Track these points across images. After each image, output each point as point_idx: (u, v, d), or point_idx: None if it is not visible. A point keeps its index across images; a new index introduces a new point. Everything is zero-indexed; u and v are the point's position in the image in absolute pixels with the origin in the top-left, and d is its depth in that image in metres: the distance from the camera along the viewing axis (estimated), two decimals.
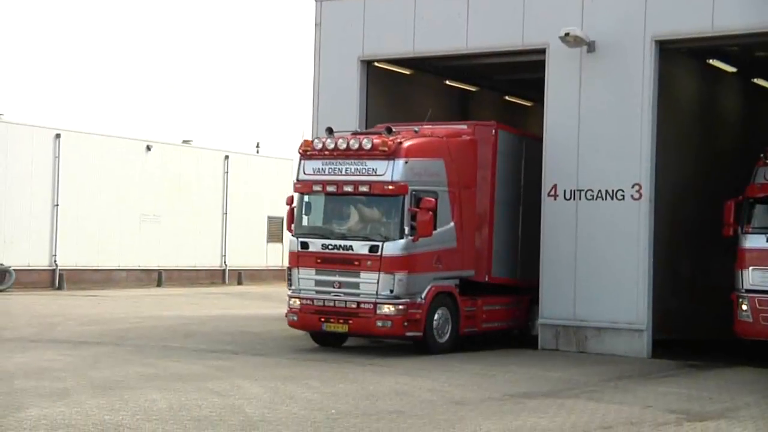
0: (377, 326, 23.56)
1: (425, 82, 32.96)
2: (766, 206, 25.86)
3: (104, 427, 14.99)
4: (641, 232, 27.16)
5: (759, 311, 25.46)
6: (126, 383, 19.49)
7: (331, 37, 31.50)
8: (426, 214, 23.03)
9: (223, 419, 15.96)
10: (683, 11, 27.00)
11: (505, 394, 19.88)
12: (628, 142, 27.39)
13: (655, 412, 18.27)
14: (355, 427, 15.70)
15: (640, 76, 27.33)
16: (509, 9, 29.03)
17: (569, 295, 27.86)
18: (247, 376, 20.71)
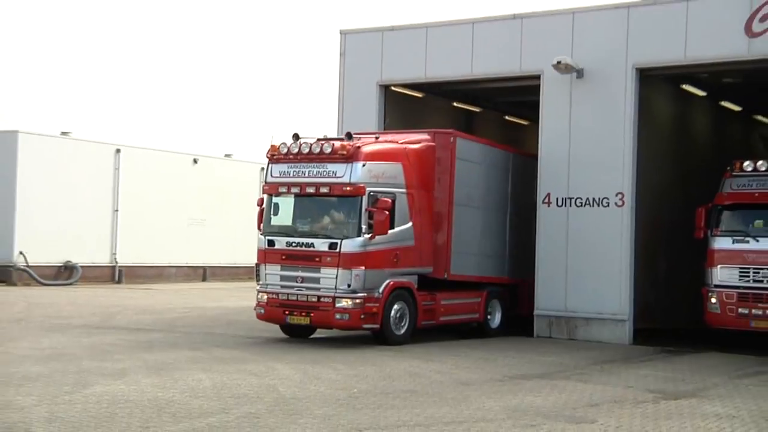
0: (336, 319, 22.64)
1: (435, 103, 32.95)
2: (732, 212, 25.98)
3: (157, 403, 15.04)
4: (624, 234, 27.24)
5: (725, 304, 25.61)
6: (175, 365, 19.53)
7: (353, 64, 31.53)
8: (382, 214, 22.25)
9: (259, 397, 15.98)
10: (660, 43, 27.02)
11: (505, 376, 19.89)
12: (612, 156, 27.44)
13: (636, 392, 18.28)
14: (374, 404, 15.72)
15: (622, 98, 27.40)
16: (508, 40, 29.06)
17: (561, 290, 27.89)
18: (279, 359, 20.72)
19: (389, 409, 15.37)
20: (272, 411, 14.75)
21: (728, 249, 25.80)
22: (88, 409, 14.38)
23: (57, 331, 26.01)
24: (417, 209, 24.11)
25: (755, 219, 25.78)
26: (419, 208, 24.21)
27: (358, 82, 31.28)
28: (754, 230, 25.65)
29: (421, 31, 30.82)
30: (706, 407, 16.67)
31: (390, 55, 31.06)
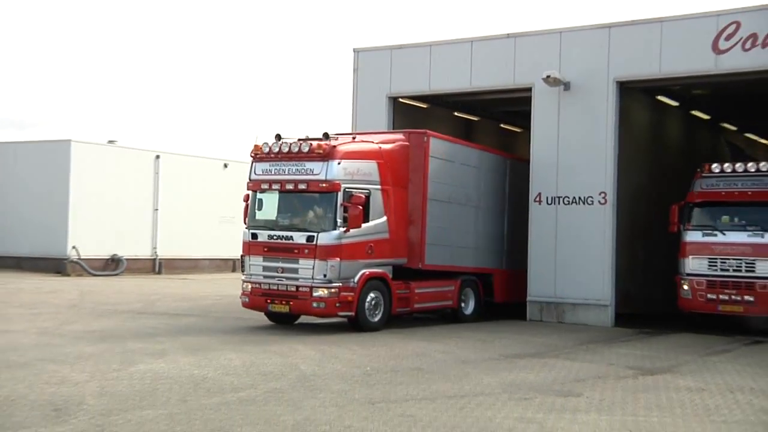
0: (313, 307, 21.74)
1: (438, 113, 32.91)
2: (702, 209, 26.00)
3: (194, 379, 15.13)
4: (606, 229, 27.25)
5: (696, 290, 25.62)
6: (209, 346, 19.56)
7: (365, 79, 31.53)
8: (356, 209, 21.45)
9: (283, 374, 16.02)
10: (638, 59, 27.07)
11: (501, 355, 19.90)
12: (595, 159, 27.42)
13: (617, 369, 18.29)
14: (385, 381, 15.77)
15: (604, 108, 27.38)
16: (503, 56, 29.08)
17: (551, 278, 27.86)
18: (301, 341, 20.71)
19: (398, 385, 15.42)
20: (295, 387, 14.81)
21: (698, 242, 25.84)
22: (133, 385, 14.51)
23: (105, 316, 26.11)
24: (391, 204, 23.38)
25: (722, 215, 25.82)
26: (394, 203, 23.49)
27: (369, 95, 31.28)
28: (721, 225, 25.72)
29: (425, 48, 30.85)
30: (678, 381, 16.72)
31: (398, 70, 31.09)
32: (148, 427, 11.39)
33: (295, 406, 13.03)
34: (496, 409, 13.21)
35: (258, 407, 12.95)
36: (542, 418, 12.63)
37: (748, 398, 15.13)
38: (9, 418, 11.94)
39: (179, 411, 12.52)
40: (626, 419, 12.88)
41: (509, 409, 13.29)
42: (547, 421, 12.48)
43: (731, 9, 25.77)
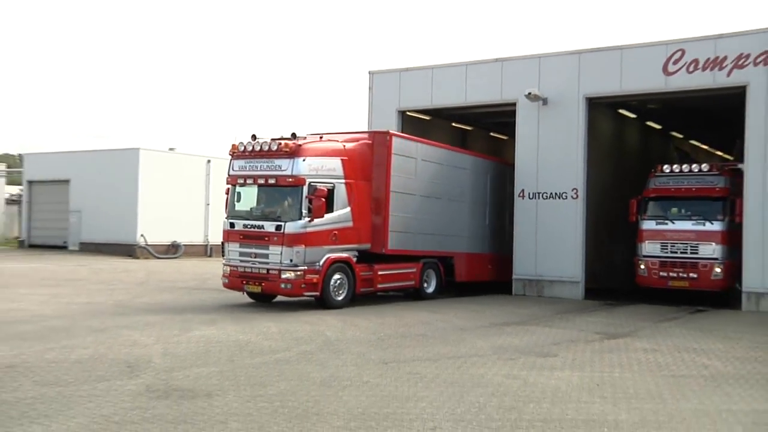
0: (281, 287, 20.61)
1: (438, 124, 32.86)
2: (656, 202, 26.04)
3: (239, 343, 15.20)
4: (577, 219, 27.27)
5: (651, 269, 25.68)
6: (252, 316, 19.59)
7: (378, 96, 31.51)
8: (319, 201, 20.29)
9: (312, 339, 16.05)
10: (603, 79, 27.08)
11: (491, 323, 19.88)
12: (568, 161, 27.40)
13: (586, 334, 18.27)
14: (396, 344, 15.81)
15: (575, 119, 27.37)
16: (492, 77, 29.04)
17: (532, 260, 27.85)
18: (327, 312, 20.70)
19: (407, 348, 15.44)
20: (321, 349, 14.84)
21: (653, 229, 25.88)
22: (190, 347, 14.60)
23: (167, 291, 26.25)
24: (355, 196, 22.10)
25: (672, 207, 25.85)
26: (357, 195, 22.19)
27: (382, 109, 31.26)
28: (670, 215, 25.77)
29: (428, 71, 30.83)
30: (636, 344, 16.73)
31: (405, 89, 31.10)
32: (202, 382, 11.45)
33: (322, 365, 13.07)
34: (488, 368, 13.23)
35: (291, 366, 12.99)
36: (525, 375, 12.64)
37: (692, 356, 15.19)
38: (93, 372, 12.08)
39: (227, 369, 12.59)
40: (593, 375, 12.89)
41: (498, 367, 13.31)
42: (529, 377, 12.50)
43: (677, 39, 25.92)
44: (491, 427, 9.26)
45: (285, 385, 11.34)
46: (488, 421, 9.49)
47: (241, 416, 9.47)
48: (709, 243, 25.04)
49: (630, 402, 10.93)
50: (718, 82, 25.04)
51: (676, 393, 11.74)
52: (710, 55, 25.00)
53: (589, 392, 11.51)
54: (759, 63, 24.17)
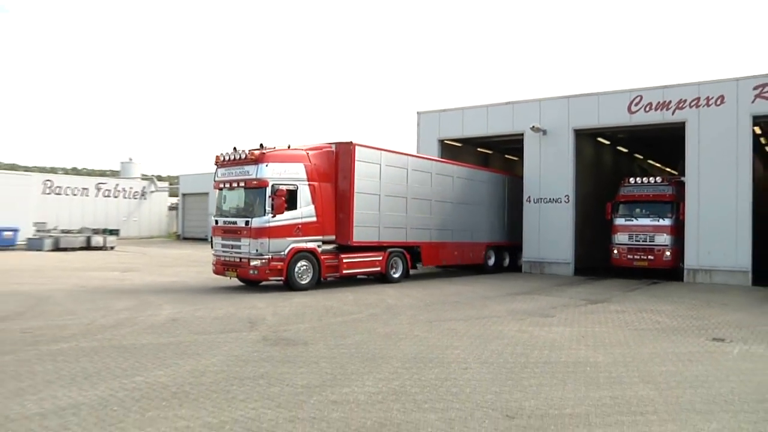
0: (250, 273, 18.52)
1: (468, 149, 32.66)
2: (625, 205, 25.81)
3: (325, 308, 15.23)
4: (569, 217, 27.00)
5: (621, 253, 25.39)
6: (334, 288, 19.67)
7: (424, 129, 31.47)
8: (279, 200, 18.35)
9: (377, 304, 16.06)
10: (585, 116, 26.79)
11: (507, 293, 19.71)
12: (561, 176, 27.16)
13: (575, 300, 18.03)
14: (437, 309, 15.78)
15: (566, 145, 27.10)
16: (506, 115, 28.87)
17: (536, 247, 27.58)
18: (386, 287, 20.68)
19: (445, 311, 15.40)
20: (384, 312, 14.85)
21: (622, 224, 25.64)
22: (292, 310, 14.68)
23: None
24: (319, 196, 19.71)
25: (636, 208, 25.58)
26: (321, 195, 19.80)
27: (426, 138, 31.28)
28: (635, 214, 25.53)
29: (460, 111, 30.70)
30: (611, 307, 16.53)
31: (443, 124, 31.02)
32: (301, 334, 11.53)
33: (385, 323, 13.10)
34: (504, 325, 13.16)
35: (363, 324, 13.03)
36: (531, 330, 12.56)
37: (649, 315, 15.02)
38: (227, 325, 12.21)
39: (317, 325, 12.65)
40: (580, 329, 12.77)
41: (512, 325, 13.23)
42: (534, 331, 12.42)
43: (638, 88, 25.72)
44: (507, 367, 9.23)
45: (359, 337, 11.40)
46: (505, 363, 9.47)
47: (328, 358, 9.56)
48: (662, 234, 24.91)
49: (606, 348, 10.84)
50: (666, 119, 24.99)
51: (638, 341, 11.64)
52: (660, 99, 25.00)
53: (577, 342, 11.42)
54: (693, 106, 24.25)
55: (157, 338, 10.93)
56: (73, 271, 24.36)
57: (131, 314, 13.56)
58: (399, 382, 8.23)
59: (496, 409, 7.14)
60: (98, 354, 9.57)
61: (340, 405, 7.14)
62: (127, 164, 60.92)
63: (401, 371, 8.81)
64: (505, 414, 6.95)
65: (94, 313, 13.56)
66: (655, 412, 7.18)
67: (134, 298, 16.42)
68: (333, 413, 6.83)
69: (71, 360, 9.14)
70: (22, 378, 8.11)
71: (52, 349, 9.89)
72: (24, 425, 6.33)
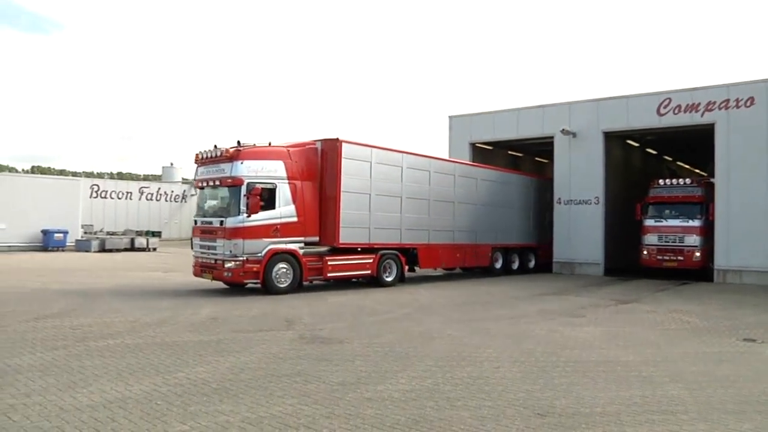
0: (224, 275, 17.19)
1: (499, 152, 32.52)
2: (654, 206, 25.54)
3: (360, 307, 15.28)
4: (598, 219, 26.86)
5: (651, 254, 25.11)
6: (368, 289, 19.66)
7: (455, 133, 31.47)
8: (254, 199, 16.93)
9: (411, 304, 16.09)
10: (614, 119, 26.66)
11: (536, 293, 19.58)
12: (591, 178, 27.04)
13: (606, 300, 17.86)
14: (468, 308, 15.77)
15: (596, 147, 27.01)
16: (536, 118, 28.82)
17: (567, 247, 27.47)
18: (419, 287, 20.79)
19: (477, 311, 15.34)
20: (417, 311, 14.85)
21: (652, 225, 25.36)
22: (328, 309, 14.75)
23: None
24: (300, 194, 18.14)
25: (665, 210, 25.31)
26: (303, 193, 18.22)
27: (458, 142, 31.24)
28: (664, 215, 25.24)
29: (491, 115, 30.66)
30: (640, 307, 16.36)
31: (475, 127, 30.98)
32: (336, 333, 11.56)
33: (419, 323, 13.08)
34: (534, 324, 13.06)
35: (397, 323, 13.04)
36: (562, 329, 12.45)
37: (679, 315, 14.82)
38: (264, 324, 12.30)
39: (352, 324, 12.69)
40: (610, 329, 12.63)
41: (542, 324, 13.13)
42: (564, 331, 12.31)
43: (666, 90, 25.53)
44: (538, 366, 9.16)
45: (393, 336, 11.40)
46: (536, 362, 9.40)
47: (363, 356, 9.57)
48: (691, 235, 24.57)
49: (636, 348, 10.69)
50: (695, 121, 24.73)
51: (668, 341, 11.47)
52: (689, 101, 24.76)
53: (607, 341, 11.29)
54: (722, 108, 23.97)
55: (198, 336, 11.07)
56: (119, 271, 24.76)
57: (173, 313, 13.74)
58: (432, 380, 8.22)
59: (527, 407, 7.10)
60: (142, 350, 9.72)
61: (375, 402, 7.15)
62: (168, 169, 61.78)
63: (434, 369, 8.80)
64: (537, 412, 6.91)
65: (138, 312, 13.77)
66: (686, 412, 7.07)
67: (176, 297, 16.60)
68: (368, 410, 6.85)
69: (117, 356, 9.30)
70: (74, 372, 8.28)
71: (99, 345, 10.08)
72: (76, 416, 6.47)
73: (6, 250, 35.68)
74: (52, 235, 37.10)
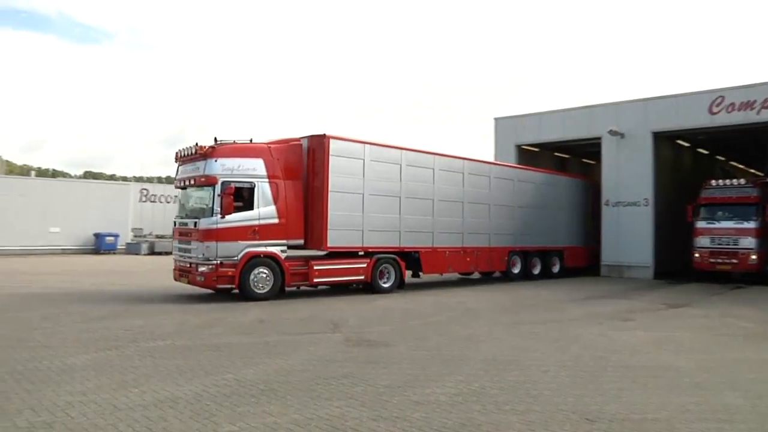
0: (198, 280, 16.07)
1: (545, 154, 32.28)
2: (706, 207, 24.98)
3: (405, 310, 15.27)
4: (648, 220, 26.58)
5: (703, 256, 24.56)
6: (415, 291, 19.64)
7: (501, 135, 31.39)
8: (227, 198, 15.79)
9: (457, 308, 16.06)
10: (664, 118, 26.32)
11: (586, 297, 19.34)
12: (641, 178, 26.75)
13: (655, 304, 17.54)
14: (515, 311, 15.66)
15: (645, 148, 26.73)
16: (582, 119, 28.66)
17: (615, 250, 27.16)
18: (466, 289, 20.74)
19: (524, 314, 15.22)
20: (464, 315, 14.79)
21: (704, 227, 24.79)
22: (373, 312, 14.79)
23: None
24: (282, 194, 16.87)
25: (718, 211, 24.73)
26: (285, 193, 16.94)
27: (504, 144, 31.17)
28: (717, 217, 24.68)
29: (537, 116, 30.49)
30: (692, 311, 16.06)
31: (520, 129, 30.86)
32: (382, 336, 11.59)
33: (465, 326, 13.02)
34: (583, 328, 12.89)
35: (444, 326, 13.00)
36: (611, 333, 12.27)
37: (733, 320, 14.50)
38: (311, 326, 12.38)
39: (399, 327, 12.65)
40: (660, 334, 12.38)
41: (590, 328, 12.95)
42: (613, 335, 12.12)
43: (719, 88, 25.09)
44: (586, 370, 9.03)
45: (439, 339, 11.36)
46: (584, 367, 9.27)
47: (409, 360, 9.57)
48: (746, 237, 23.92)
49: (688, 353, 10.45)
50: (750, 119, 24.23)
51: (722, 347, 11.20)
52: (743, 99, 24.28)
53: (657, 346, 11.08)
54: None
55: (246, 338, 11.20)
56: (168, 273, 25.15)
57: (221, 315, 13.93)
58: (479, 383, 8.17)
59: (576, 412, 7.00)
60: (191, 352, 9.88)
61: (422, 405, 7.14)
62: None
63: (481, 373, 8.75)
64: (586, 417, 6.81)
65: (187, 314, 14.01)
66: (743, 421, 6.87)
67: (222, 299, 16.72)
68: (415, 413, 6.84)
69: (167, 357, 9.48)
70: (126, 372, 8.47)
71: (150, 346, 10.29)
72: (129, 414, 6.62)
73: (60, 252, 36.73)
74: (104, 238, 38.04)
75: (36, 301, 15.98)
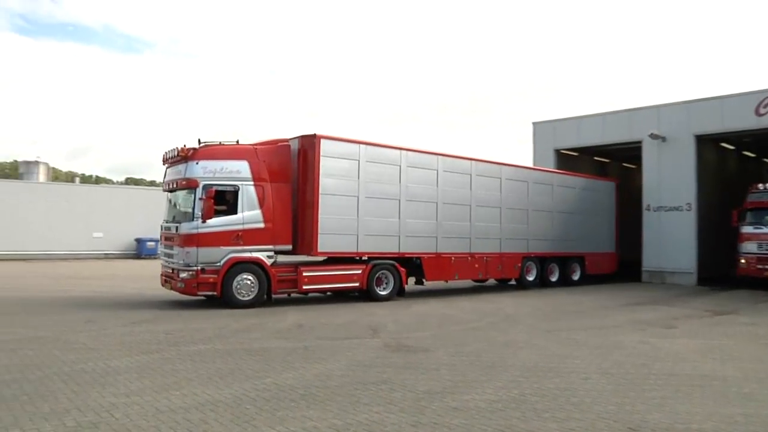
0: (178, 286, 15.46)
1: (584, 158, 31.95)
2: (753, 212, 24.34)
3: (445, 316, 15.25)
4: (691, 225, 26.09)
5: (749, 262, 23.84)
6: (453, 297, 19.57)
7: (539, 139, 31.20)
8: (208, 202, 15.17)
9: (495, 313, 15.94)
10: (708, 120, 25.87)
11: (627, 303, 19.06)
12: (683, 182, 26.27)
13: (699, 311, 17.20)
14: (556, 318, 15.50)
15: (687, 152, 26.27)
16: (622, 122, 28.31)
17: (657, 255, 26.73)
18: (502, 294, 20.58)
19: (564, 320, 15.06)
20: (503, 321, 14.70)
21: (751, 232, 24.14)
22: (412, 318, 14.81)
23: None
24: (269, 198, 16.14)
25: (765, 216, 24.10)
26: (272, 197, 16.20)
27: (542, 148, 30.96)
28: (765, 222, 24.04)
29: (575, 120, 30.24)
30: (739, 319, 15.69)
31: (559, 133, 30.64)
32: (421, 342, 11.57)
33: (504, 332, 12.95)
34: (625, 335, 12.71)
35: (482, 332, 12.94)
36: (653, 341, 12.07)
37: None
38: (350, 332, 12.47)
39: (438, 333, 12.68)
40: (705, 342, 12.15)
41: (633, 335, 12.77)
42: (656, 342, 11.92)
43: (765, 89, 24.53)
44: (628, 378, 8.91)
45: (478, 345, 11.32)
46: (626, 374, 9.14)
47: (448, 366, 9.55)
48: None
49: (735, 362, 10.22)
50: None
51: None
52: None
53: (702, 354, 10.86)
54: None
55: (285, 343, 11.30)
56: None
57: (259, 320, 14.08)
58: (519, 390, 8.12)
59: (618, 420, 6.90)
60: (231, 356, 10.01)
61: (461, 411, 7.13)
62: None
63: (521, 380, 8.69)
64: (628, 426, 6.71)
65: (227, 318, 14.18)
66: None
67: (261, 304, 16.70)
68: (454, 419, 6.83)
69: (208, 360, 9.61)
70: (167, 375, 8.61)
71: (191, 350, 10.44)
72: (170, 417, 6.74)
73: (103, 257, 37.52)
74: (145, 243, 38.72)
75: (80, 304, 16.38)
